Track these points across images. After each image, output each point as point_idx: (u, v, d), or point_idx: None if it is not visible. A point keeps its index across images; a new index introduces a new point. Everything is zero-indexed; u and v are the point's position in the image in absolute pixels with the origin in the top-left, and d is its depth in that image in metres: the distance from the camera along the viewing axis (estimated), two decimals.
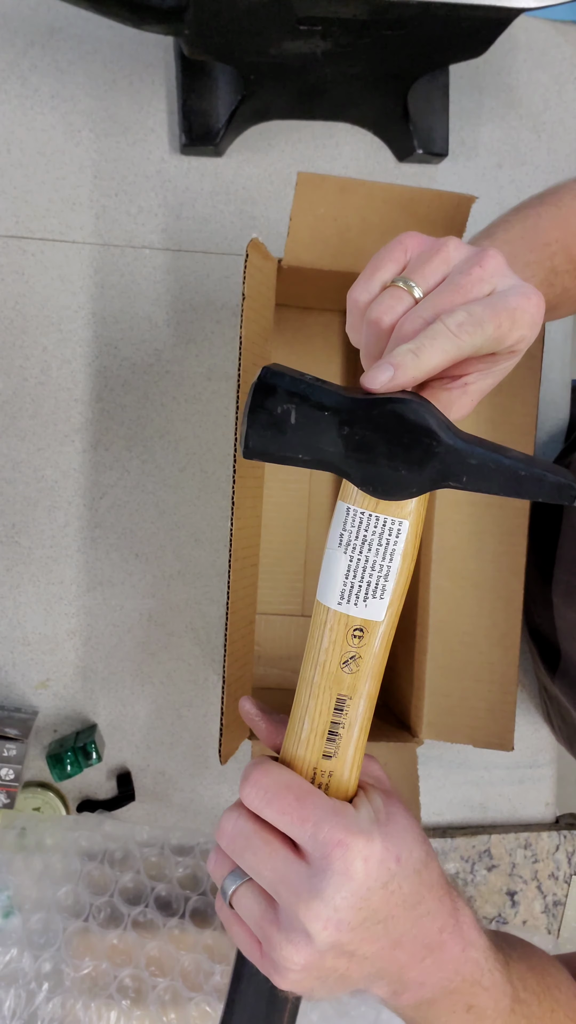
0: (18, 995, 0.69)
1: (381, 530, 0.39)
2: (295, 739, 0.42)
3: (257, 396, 0.37)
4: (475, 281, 0.40)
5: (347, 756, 0.42)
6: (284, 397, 0.38)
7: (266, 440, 0.38)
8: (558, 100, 0.88)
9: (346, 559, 0.40)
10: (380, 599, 0.40)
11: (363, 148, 0.85)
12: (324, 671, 0.41)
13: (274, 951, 0.39)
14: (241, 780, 0.41)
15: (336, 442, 0.38)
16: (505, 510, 0.71)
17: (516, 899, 0.86)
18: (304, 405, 0.38)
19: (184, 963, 0.72)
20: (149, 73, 0.80)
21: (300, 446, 0.38)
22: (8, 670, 0.79)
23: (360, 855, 0.38)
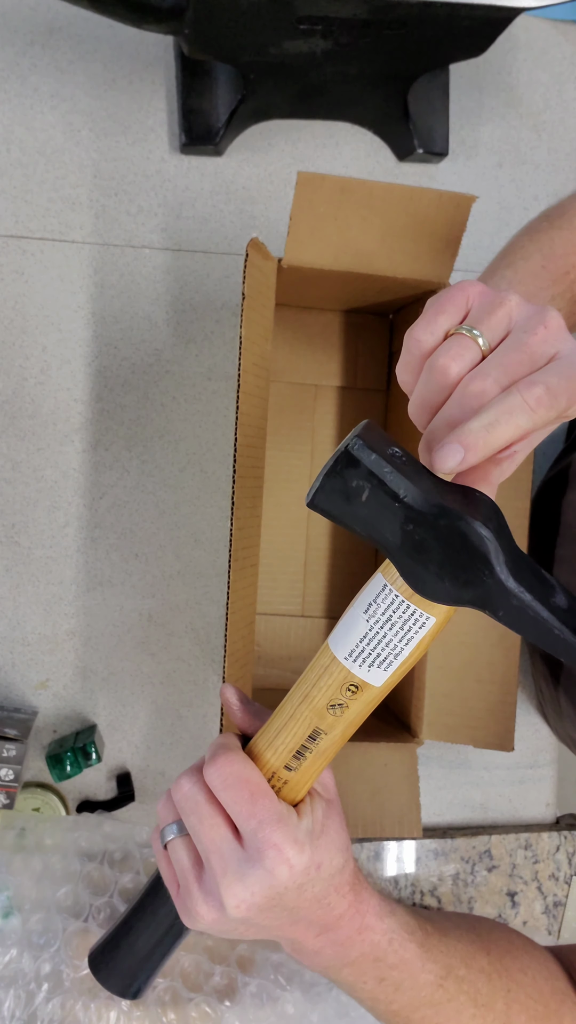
0: (18, 996, 0.69)
1: (407, 617, 0.41)
2: (267, 741, 0.46)
3: (339, 464, 0.38)
4: (540, 342, 0.39)
5: (305, 774, 0.46)
6: (363, 475, 0.37)
7: (332, 503, 0.38)
8: (558, 99, 0.88)
9: (366, 627, 0.41)
10: (383, 671, 0.42)
11: (363, 148, 0.84)
12: (311, 705, 0.44)
13: (189, 900, 0.45)
14: (208, 755, 0.45)
15: (396, 533, 0.38)
16: (505, 510, 0.71)
17: (516, 900, 0.86)
18: (379, 490, 0.38)
19: (183, 963, 0.72)
20: (149, 72, 0.80)
21: (362, 522, 0.38)
22: (8, 670, 0.79)
23: (287, 862, 0.43)
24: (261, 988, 0.72)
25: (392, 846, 0.83)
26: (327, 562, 0.83)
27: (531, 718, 0.87)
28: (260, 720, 0.49)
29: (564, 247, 0.57)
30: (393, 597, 0.40)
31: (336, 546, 0.83)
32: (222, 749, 0.45)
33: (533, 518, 0.72)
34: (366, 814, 0.67)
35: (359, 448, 0.37)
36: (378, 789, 0.68)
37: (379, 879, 0.83)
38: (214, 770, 0.44)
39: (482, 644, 0.71)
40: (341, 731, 0.44)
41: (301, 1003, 0.72)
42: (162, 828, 0.47)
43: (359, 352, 0.82)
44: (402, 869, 0.83)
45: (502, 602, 0.38)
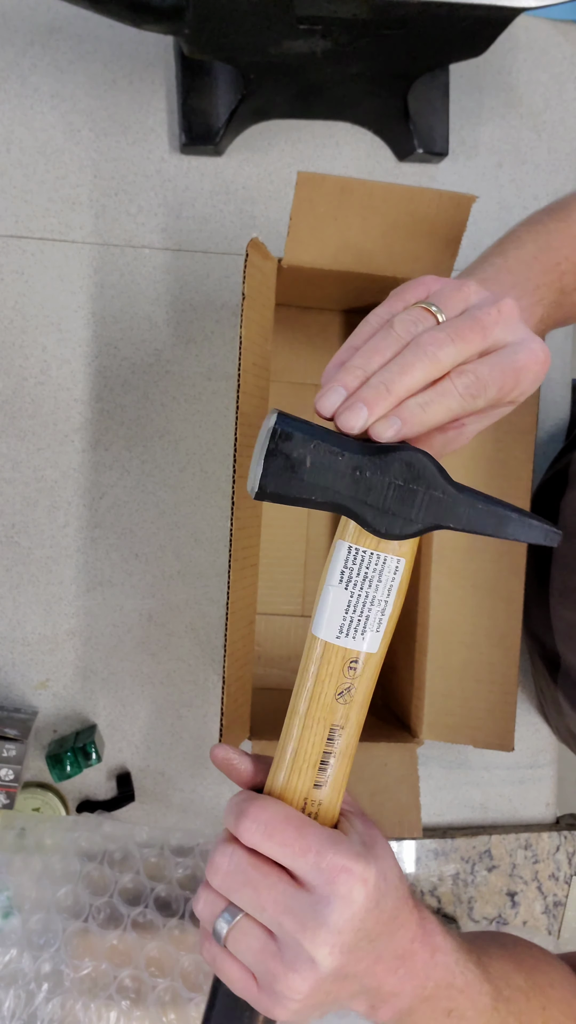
0: (18, 996, 0.69)
1: (382, 567, 0.42)
2: (285, 770, 0.43)
3: (274, 441, 0.39)
4: (492, 321, 0.41)
5: (336, 785, 0.44)
6: (300, 442, 0.39)
7: (280, 482, 0.39)
8: (558, 99, 0.88)
9: (347, 595, 0.42)
10: (377, 632, 0.42)
11: (363, 147, 0.84)
12: (319, 702, 0.42)
13: (277, 983, 0.40)
14: (234, 816, 0.42)
15: (349, 486, 0.40)
16: None
17: (516, 900, 0.86)
18: (321, 450, 0.39)
19: (184, 963, 0.72)
20: (149, 72, 0.80)
21: (314, 489, 0.40)
22: (8, 670, 0.79)
23: (360, 879, 0.39)
24: None
25: (392, 846, 0.83)
26: None
27: (531, 718, 0.87)
28: (265, 765, 0.46)
29: (559, 240, 0.57)
30: (364, 554, 0.41)
31: None
32: (246, 802, 0.42)
33: None
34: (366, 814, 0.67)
35: (286, 422, 0.39)
36: (378, 789, 0.68)
37: None
38: (249, 822, 0.41)
39: (482, 644, 0.71)
40: (355, 719, 0.43)
41: None
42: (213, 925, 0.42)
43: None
44: (402, 869, 0.83)
45: (459, 509, 0.41)
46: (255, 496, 0.40)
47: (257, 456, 0.40)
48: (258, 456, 0.39)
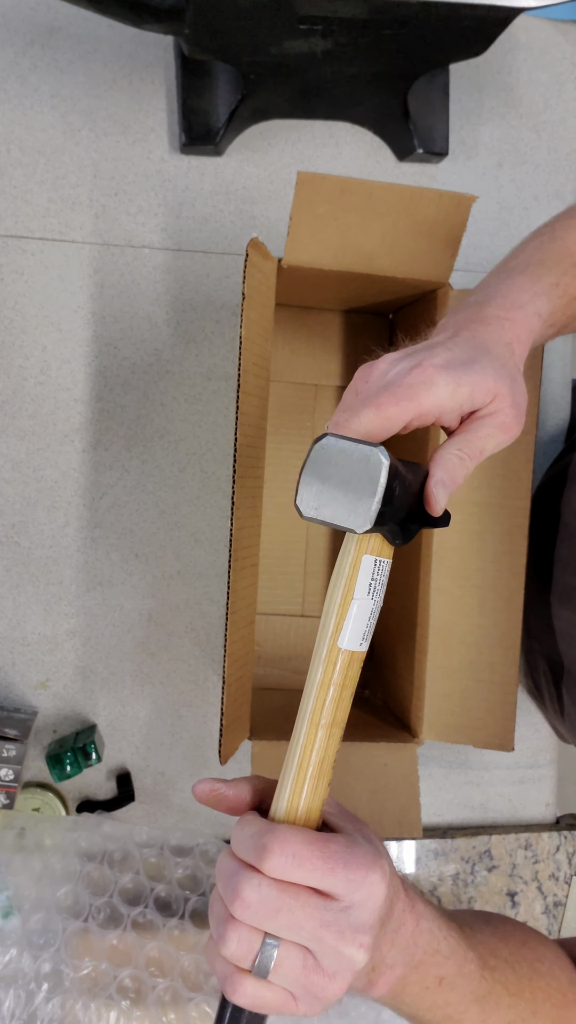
0: (17, 995, 0.69)
1: (387, 572, 0.45)
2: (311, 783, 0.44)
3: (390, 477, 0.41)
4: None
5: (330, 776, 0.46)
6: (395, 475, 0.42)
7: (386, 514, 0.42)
8: (558, 99, 0.88)
9: (371, 603, 0.44)
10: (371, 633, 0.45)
11: (363, 147, 0.84)
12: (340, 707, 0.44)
13: (321, 992, 0.42)
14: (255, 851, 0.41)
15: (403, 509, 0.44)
16: (506, 510, 0.71)
17: (516, 900, 0.86)
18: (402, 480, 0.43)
19: (184, 963, 0.72)
20: (149, 72, 0.80)
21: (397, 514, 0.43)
22: (8, 670, 0.79)
23: (380, 877, 0.42)
24: None
25: (392, 846, 0.83)
26: (327, 562, 0.83)
27: (531, 718, 0.87)
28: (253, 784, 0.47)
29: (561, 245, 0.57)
30: (383, 564, 0.44)
31: (336, 546, 0.83)
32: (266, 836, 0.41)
33: (533, 518, 0.72)
34: (366, 814, 0.67)
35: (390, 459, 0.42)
36: (378, 789, 0.68)
37: None
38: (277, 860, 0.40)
39: (482, 644, 0.71)
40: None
41: None
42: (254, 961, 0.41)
43: (359, 352, 0.82)
44: (402, 869, 0.83)
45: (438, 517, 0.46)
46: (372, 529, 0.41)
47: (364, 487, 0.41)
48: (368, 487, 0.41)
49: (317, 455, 0.42)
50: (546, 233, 0.58)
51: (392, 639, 0.79)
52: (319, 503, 0.42)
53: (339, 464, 0.42)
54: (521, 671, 0.86)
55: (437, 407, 0.45)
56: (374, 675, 0.84)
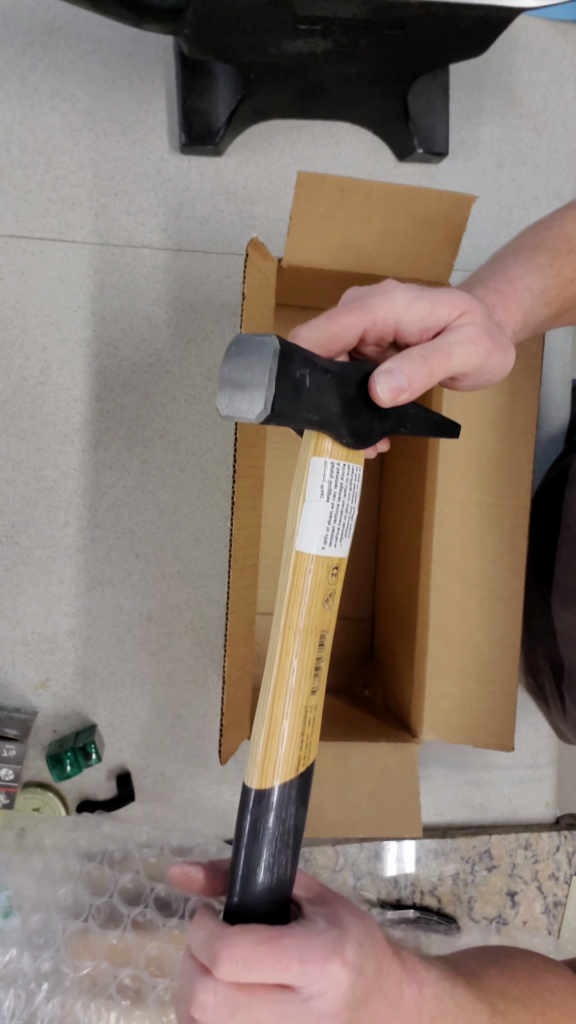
0: (18, 995, 0.69)
1: (350, 476, 0.45)
2: (285, 685, 0.45)
3: (283, 363, 0.40)
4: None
5: (324, 685, 0.46)
6: (301, 363, 0.41)
7: (287, 402, 0.41)
8: (558, 99, 0.88)
9: (328, 507, 0.44)
10: (348, 537, 0.46)
11: (363, 147, 0.84)
12: (311, 613, 0.45)
13: None
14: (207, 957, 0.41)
15: (335, 402, 0.43)
16: (506, 510, 0.71)
17: (516, 900, 0.86)
18: (315, 370, 0.42)
19: None
20: (149, 72, 0.80)
21: (311, 407, 0.42)
22: (8, 670, 0.79)
23: (340, 963, 0.41)
24: None
25: (392, 846, 0.83)
26: None
27: (531, 718, 0.87)
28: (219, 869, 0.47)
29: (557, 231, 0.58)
30: (339, 466, 0.45)
31: None
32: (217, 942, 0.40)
33: (534, 518, 0.72)
34: (366, 814, 0.67)
35: (286, 344, 0.41)
36: (378, 789, 0.68)
37: (379, 879, 0.83)
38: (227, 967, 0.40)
39: (482, 644, 0.71)
40: (334, 623, 0.46)
41: None
42: None
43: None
44: (402, 869, 0.83)
45: (407, 417, 0.48)
46: (264, 419, 0.40)
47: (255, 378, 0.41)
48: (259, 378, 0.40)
49: (228, 354, 0.42)
50: (543, 222, 0.59)
51: (392, 639, 0.79)
52: (230, 399, 0.42)
53: (242, 358, 0.41)
54: (523, 671, 0.86)
55: (393, 316, 0.45)
56: (374, 675, 0.84)
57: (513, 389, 0.70)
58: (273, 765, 0.44)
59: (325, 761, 0.67)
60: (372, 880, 0.83)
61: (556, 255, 0.55)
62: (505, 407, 0.70)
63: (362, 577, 0.84)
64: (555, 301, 0.55)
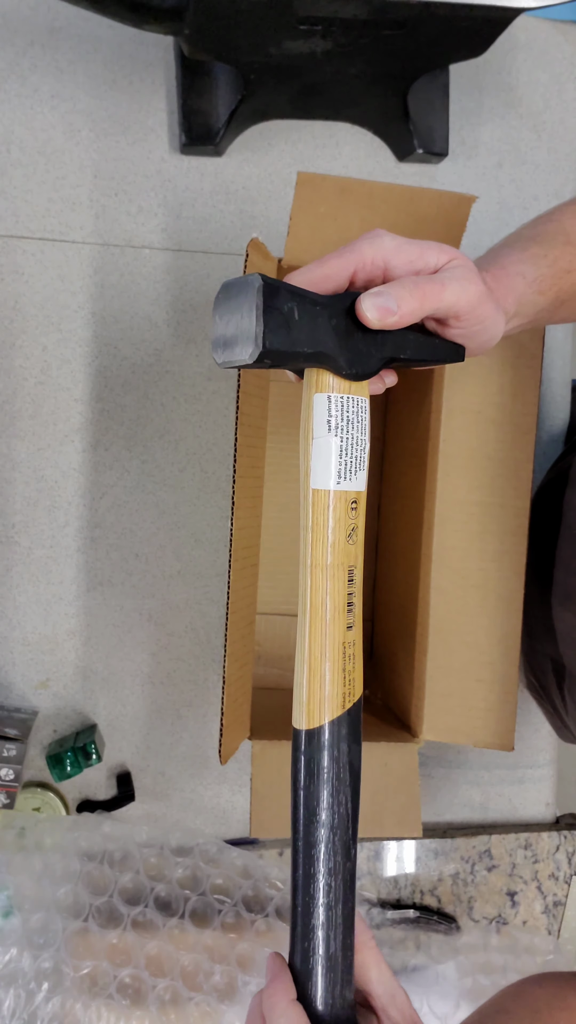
0: (18, 995, 0.69)
1: (357, 409, 0.45)
2: (320, 624, 0.45)
3: (268, 297, 0.40)
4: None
5: (361, 621, 0.46)
6: (287, 297, 0.41)
7: (279, 338, 0.41)
8: (558, 99, 0.88)
9: (337, 441, 0.44)
10: (362, 470, 0.46)
11: (363, 148, 0.85)
12: (335, 549, 0.45)
13: None
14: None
15: (329, 334, 0.43)
16: (506, 510, 0.71)
17: (516, 899, 0.86)
18: (303, 304, 0.42)
19: (184, 963, 0.72)
20: (149, 73, 0.80)
21: (304, 341, 0.42)
22: (8, 670, 0.79)
23: None
24: (261, 987, 0.72)
25: (392, 846, 0.83)
26: None
27: (531, 718, 0.87)
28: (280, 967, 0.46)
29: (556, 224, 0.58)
30: (342, 400, 0.45)
31: None
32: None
33: (534, 518, 0.72)
34: (366, 814, 0.67)
35: (265, 279, 0.41)
36: (378, 789, 0.68)
37: (379, 879, 0.83)
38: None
39: (482, 644, 0.71)
40: (361, 557, 0.46)
41: None
42: None
43: None
44: (402, 869, 0.83)
45: (406, 342, 0.47)
46: (257, 358, 0.40)
47: (243, 319, 0.41)
48: (247, 317, 0.40)
49: (216, 301, 0.43)
50: (543, 216, 0.59)
51: (392, 639, 0.79)
52: (224, 346, 0.42)
53: (230, 301, 0.42)
54: (525, 671, 0.86)
55: (381, 257, 0.46)
56: (374, 675, 0.84)
57: (513, 389, 0.70)
58: (319, 704, 0.45)
59: None
60: (372, 880, 0.83)
61: (552, 246, 0.56)
62: (505, 407, 0.70)
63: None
64: (550, 290, 0.55)
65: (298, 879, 0.44)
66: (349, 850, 0.45)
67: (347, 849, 0.45)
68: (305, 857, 0.44)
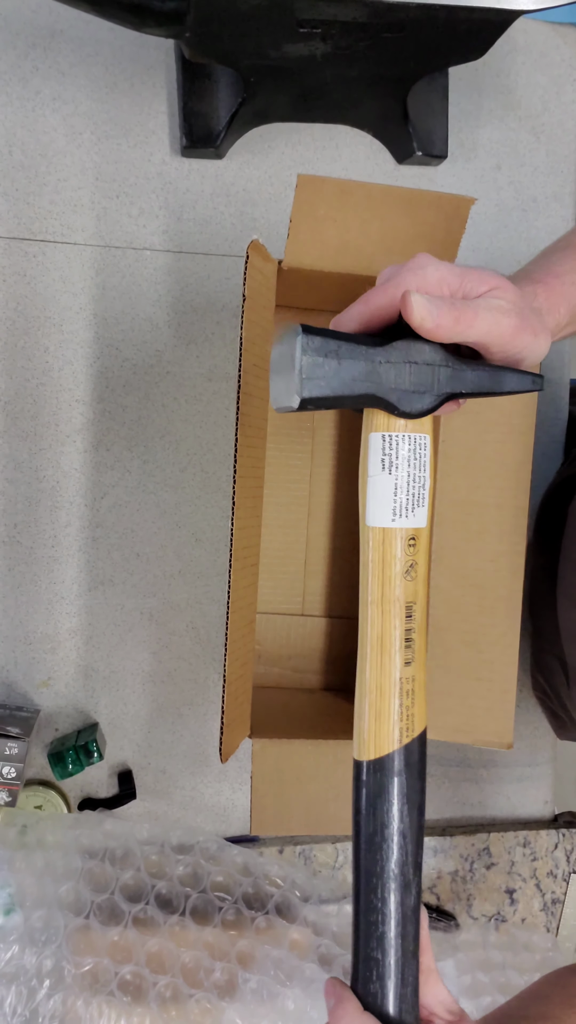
0: (19, 992, 0.70)
1: (414, 447, 0.45)
2: (377, 658, 0.45)
3: (305, 349, 0.41)
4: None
5: (422, 658, 0.46)
6: (328, 344, 0.42)
7: (320, 383, 0.42)
8: (557, 102, 0.88)
9: (392, 479, 0.45)
10: (422, 507, 0.46)
11: (363, 150, 0.85)
12: (391, 585, 0.45)
13: None
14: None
15: (375, 375, 0.44)
16: (505, 510, 0.71)
17: (515, 897, 0.87)
18: (345, 349, 0.43)
19: (184, 960, 0.73)
20: (150, 75, 0.81)
21: (349, 384, 0.43)
22: (10, 669, 0.79)
23: None
24: (261, 985, 0.72)
25: None
26: (327, 561, 0.84)
27: (530, 716, 0.88)
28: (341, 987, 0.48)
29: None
30: (397, 438, 0.45)
31: (336, 545, 0.84)
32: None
33: (542, 519, 0.72)
34: None
35: (305, 328, 0.42)
36: None
37: None
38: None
39: (482, 643, 0.72)
40: (423, 594, 0.46)
41: (301, 999, 0.73)
42: None
43: None
44: None
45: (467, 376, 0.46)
46: (299, 406, 0.42)
47: (287, 368, 0.42)
48: (289, 367, 0.42)
49: (273, 354, 0.44)
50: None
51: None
52: (275, 394, 0.44)
53: (280, 351, 0.43)
54: (533, 672, 0.87)
55: (424, 288, 0.46)
56: None
57: None
58: (374, 737, 0.45)
59: (325, 760, 0.67)
60: None
61: None
62: (504, 407, 0.71)
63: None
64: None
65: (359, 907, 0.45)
66: (409, 879, 0.46)
67: (406, 878, 0.46)
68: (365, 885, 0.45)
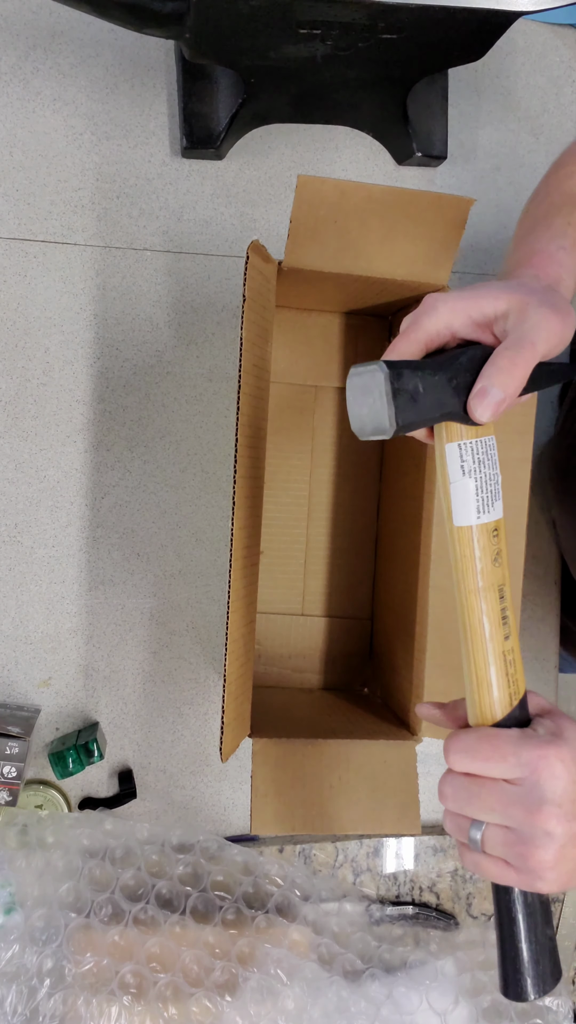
0: (20, 991, 0.70)
1: (486, 448, 0.50)
2: (481, 640, 0.50)
3: (394, 382, 0.46)
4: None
5: (516, 627, 0.51)
6: (411, 376, 0.46)
7: (409, 414, 0.46)
8: (556, 103, 0.89)
9: (472, 482, 0.49)
10: (498, 499, 0.50)
11: (362, 151, 0.85)
12: (484, 574, 0.49)
13: (528, 861, 0.46)
14: (445, 753, 0.49)
15: (451, 394, 0.48)
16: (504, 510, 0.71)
17: None
18: (424, 377, 0.47)
19: (185, 959, 0.73)
20: (150, 76, 0.81)
21: (431, 407, 0.47)
22: (10, 668, 0.79)
23: (556, 759, 0.46)
24: (261, 983, 0.73)
25: (391, 843, 0.84)
26: (327, 561, 0.84)
27: None
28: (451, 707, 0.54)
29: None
30: (471, 444, 0.49)
31: (336, 546, 0.84)
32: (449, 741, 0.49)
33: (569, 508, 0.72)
34: (365, 811, 0.68)
35: (388, 363, 0.46)
36: (378, 786, 0.69)
37: (378, 875, 0.83)
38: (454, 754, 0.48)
39: None
40: (510, 575, 0.51)
41: (301, 998, 0.73)
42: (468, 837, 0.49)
43: (358, 353, 0.82)
44: (401, 866, 0.84)
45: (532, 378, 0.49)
46: (392, 434, 0.46)
47: (376, 400, 0.46)
48: (378, 399, 0.46)
49: (349, 390, 0.48)
50: (539, 194, 0.61)
51: (391, 638, 0.80)
52: (361, 425, 0.47)
53: (363, 386, 0.47)
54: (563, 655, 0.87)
55: (445, 326, 0.49)
56: (373, 673, 0.84)
57: None
58: (489, 706, 0.50)
59: (325, 759, 0.67)
60: (371, 876, 0.83)
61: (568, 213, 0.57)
62: None
63: (361, 576, 0.85)
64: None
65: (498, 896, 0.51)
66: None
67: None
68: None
